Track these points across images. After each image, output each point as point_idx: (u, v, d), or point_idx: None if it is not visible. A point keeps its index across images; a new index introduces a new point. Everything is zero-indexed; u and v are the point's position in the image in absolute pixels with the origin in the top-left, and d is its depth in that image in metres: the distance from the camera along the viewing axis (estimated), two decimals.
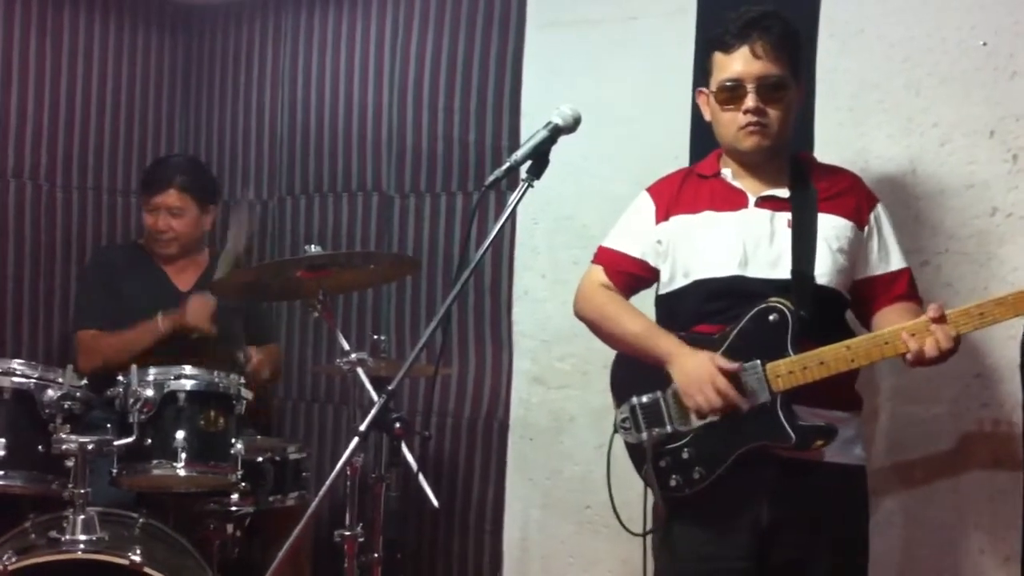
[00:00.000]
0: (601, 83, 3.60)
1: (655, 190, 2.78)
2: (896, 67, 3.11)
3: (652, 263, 2.74)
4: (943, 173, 3.04)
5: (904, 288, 2.63)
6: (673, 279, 2.69)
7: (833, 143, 3.15)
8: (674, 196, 2.72)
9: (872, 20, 3.15)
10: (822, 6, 3.21)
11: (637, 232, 2.77)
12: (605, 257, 2.81)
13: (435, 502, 2.77)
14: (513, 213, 2.32)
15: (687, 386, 2.52)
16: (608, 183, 3.49)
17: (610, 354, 2.80)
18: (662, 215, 2.72)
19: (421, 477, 2.77)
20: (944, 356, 2.39)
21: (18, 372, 2.94)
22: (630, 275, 2.77)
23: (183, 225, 3.80)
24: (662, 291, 2.74)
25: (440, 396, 3.97)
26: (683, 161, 3.21)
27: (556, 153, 2.29)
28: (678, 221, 2.69)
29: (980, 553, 3.00)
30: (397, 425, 2.17)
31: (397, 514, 3.55)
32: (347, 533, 2.98)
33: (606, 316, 2.76)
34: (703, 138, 2.78)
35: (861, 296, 2.64)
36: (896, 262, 2.64)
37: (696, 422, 2.55)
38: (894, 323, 2.46)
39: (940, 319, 2.36)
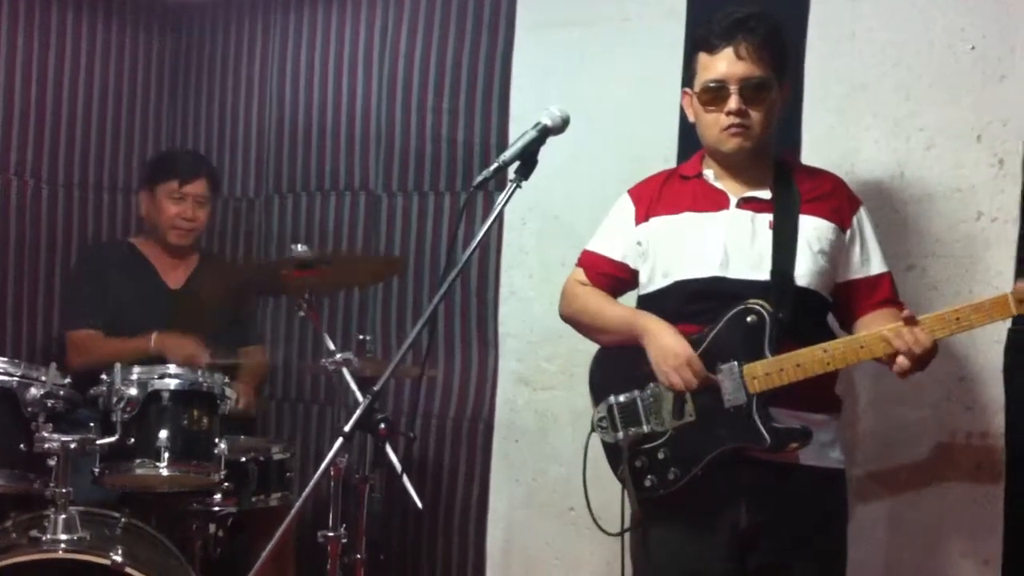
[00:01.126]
0: (590, 84, 3.60)
1: (635, 192, 2.79)
2: (885, 70, 3.12)
3: (632, 264, 2.75)
4: (930, 177, 3.05)
5: (886, 293, 2.64)
6: (653, 280, 2.69)
7: (821, 145, 3.15)
8: (655, 197, 2.73)
9: (862, 23, 3.16)
10: (812, 9, 3.22)
11: (617, 234, 2.78)
12: (586, 260, 2.83)
13: (419, 503, 2.76)
14: (501, 213, 2.31)
15: (663, 361, 2.52)
16: (596, 184, 3.48)
17: None
18: (642, 216, 2.72)
19: (405, 478, 2.76)
20: (925, 357, 2.38)
21: (0, 370, 2.92)
22: (610, 277, 2.78)
23: (205, 215, 3.87)
24: (642, 291, 2.75)
25: (425, 397, 3.96)
26: (672, 163, 3.22)
27: (544, 154, 2.30)
28: (658, 222, 2.69)
29: (961, 557, 3.00)
30: (381, 426, 2.17)
31: (381, 515, 3.54)
32: (330, 534, 2.98)
33: (587, 309, 2.78)
34: (691, 140, 2.78)
35: (842, 299, 2.65)
36: (877, 266, 2.64)
37: (673, 422, 2.55)
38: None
39: (911, 320, 2.37)
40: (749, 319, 2.50)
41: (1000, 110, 2.96)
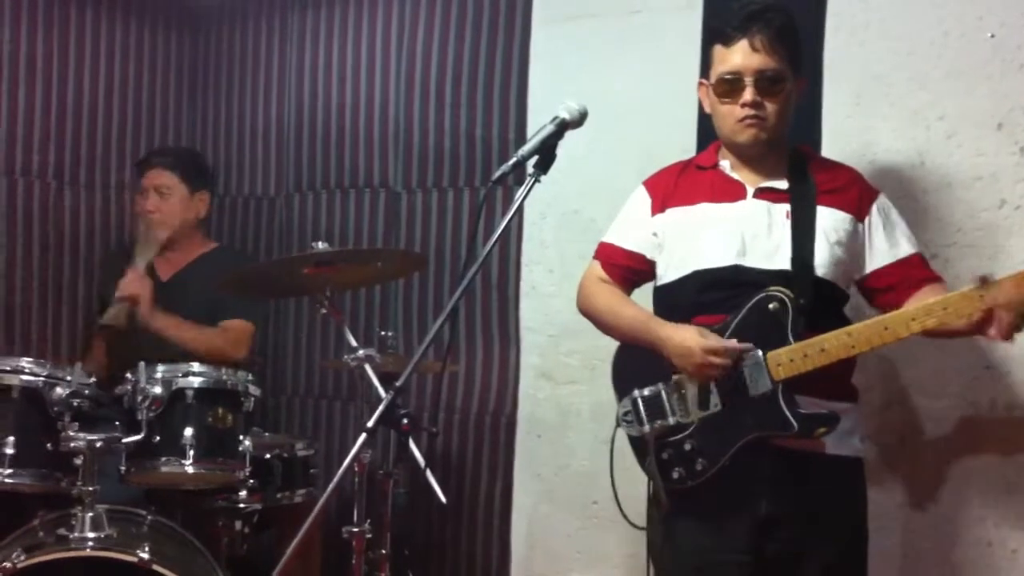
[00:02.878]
0: (608, 77, 3.60)
1: (651, 183, 2.80)
2: (902, 60, 3.11)
3: (648, 256, 2.75)
4: (950, 166, 3.04)
5: (923, 271, 2.62)
6: (669, 270, 2.70)
7: (840, 136, 3.15)
8: (671, 188, 2.73)
9: (878, 13, 3.15)
10: (829, 0, 3.21)
11: (632, 225, 2.78)
12: (602, 252, 2.83)
13: (443, 498, 2.77)
14: (520, 208, 2.31)
15: (686, 363, 2.54)
16: (615, 177, 3.48)
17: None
18: (658, 207, 2.73)
19: (429, 473, 2.77)
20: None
21: (27, 370, 2.96)
22: (626, 268, 2.78)
23: (171, 206, 3.82)
24: (660, 283, 2.75)
25: (447, 392, 3.97)
26: (689, 154, 3.18)
27: (563, 147, 2.30)
28: (674, 213, 2.70)
29: (987, 546, 2.99)
30: (404, 421, 2.17)
31: (405, 510, 3.55)
32: (355, 529, 2.98)
33: (602, 309, 2.78)
34: (709, 130, 2.78)
35: (879, 286, 2.63)
36: (906, 248, 2.63)
37: (698, 413, 2.56)
38: None
39: (986, 280, 2.35)
40: (771, 306, 2.50)
41: (1020, 98, 2.94)
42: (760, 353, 2.49)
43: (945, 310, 2.38)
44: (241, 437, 3.11)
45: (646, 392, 2.63)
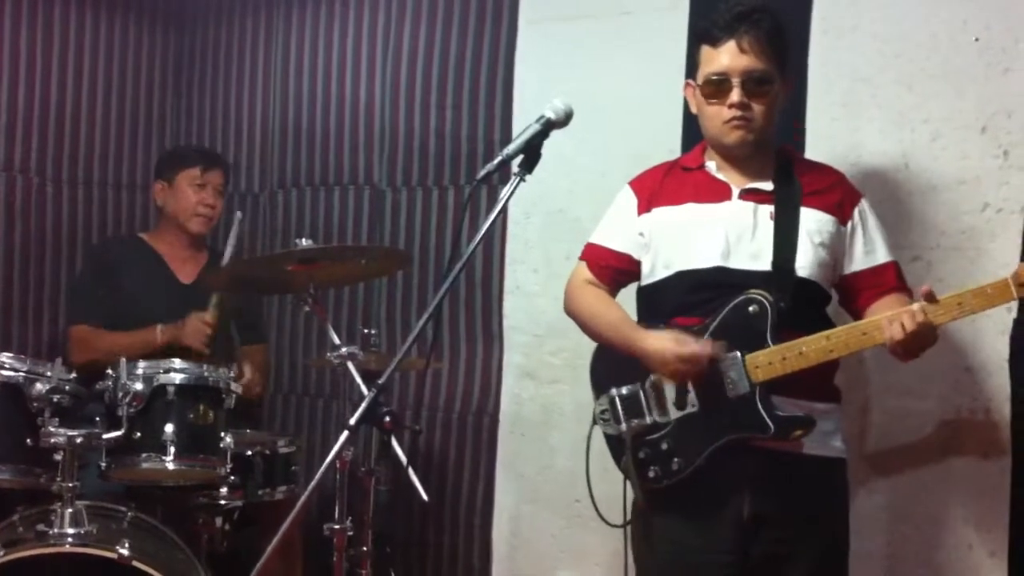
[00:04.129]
0: (594, 77, 3.60)
1: (637, 183, 2.80)
2: (888, 62, 3.12)
3: (635, 256, 2.75)
4: (935, 169, 3.05)
5: (893, 281, 2.64)
6: (654, 270, 2.70)
7: (826, 138, 3.15)
8: (656, 188, 2.73)
9: (865, 16, 3.15)
10: (815, 2, 3.21)
11: (619, 225, 2.78)
12: (589, 252, 2.84)
13: (425, 496, 2.77)
14: (505, 207, 2.31)
15: (658, 370, 2.55)
16: (601, 177, 3.49)
17: None
18: (644, 207, 2.73)
19: (411, 471, 2.77)
20: (917, 337, 2.37)
21: (7, 365, 2.93)
22: (613, 269, 2.79)
23: (221, 206, 3.92)
24: (644, 283, 2.76)
25: (431, 390, 3.97)
26: (675, 154, 3.19)
27: (548, 147, 2.30)
28: (660, 213, 2.70)
29: (967, 548, 3.00)
30: (386, 419, 2.17)
31: (387, 508, 3.54)
32: (336, 527, 2.98)
33: (585, 314, 2.79)
34: (695, 131, 2.78)
35: (850, 291, 2.65)
36: (882, 255, 2.65)
37: (675, 413, 2.56)
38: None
39: (930, 296, 2.37)
40: (751, 309, 2.50)
41: (1004, 101, 2.95)
42: (739, 355, 2.49)
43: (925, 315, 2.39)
44: (222, 434, 3.10)
45: (624, 391, 2.64)
